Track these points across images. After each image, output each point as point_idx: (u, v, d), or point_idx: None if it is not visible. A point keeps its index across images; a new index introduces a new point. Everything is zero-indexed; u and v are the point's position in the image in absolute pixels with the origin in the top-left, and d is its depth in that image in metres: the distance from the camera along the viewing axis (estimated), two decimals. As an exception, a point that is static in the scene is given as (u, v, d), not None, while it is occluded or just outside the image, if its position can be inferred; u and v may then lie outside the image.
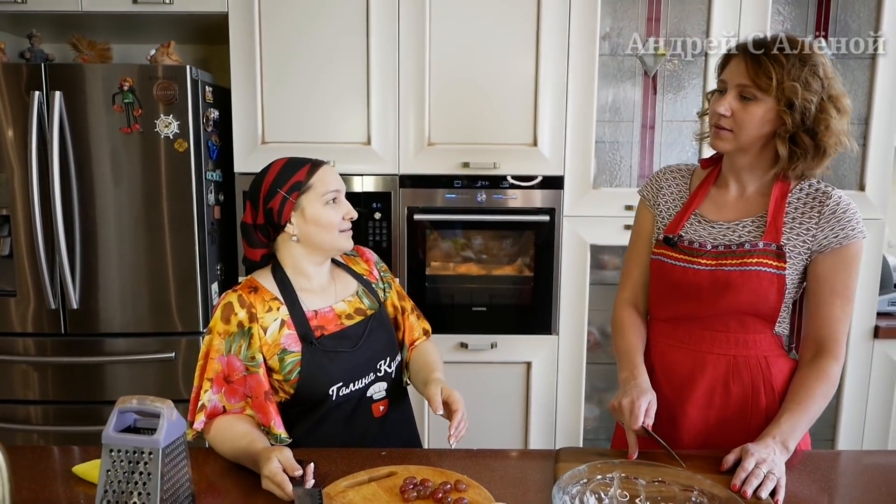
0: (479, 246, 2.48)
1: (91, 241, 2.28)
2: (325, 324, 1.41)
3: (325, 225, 1.38)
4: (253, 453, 1.20)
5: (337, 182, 1.41)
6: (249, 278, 1.43)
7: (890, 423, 2.50)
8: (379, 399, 1.45)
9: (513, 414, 2.47)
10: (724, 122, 1.31)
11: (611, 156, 2.44)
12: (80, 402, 2.37)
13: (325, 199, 1.37)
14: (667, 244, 1.42)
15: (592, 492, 1.04)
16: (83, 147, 2.23)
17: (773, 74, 1.25)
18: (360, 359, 1.42)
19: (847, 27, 2.37)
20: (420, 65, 2.31)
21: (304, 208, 1.37)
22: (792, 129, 1.27)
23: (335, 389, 1.38)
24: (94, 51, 2.52)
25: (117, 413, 0.98)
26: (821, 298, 1.33)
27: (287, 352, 1.36)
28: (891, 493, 1.20)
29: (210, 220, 2.36)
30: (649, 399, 1.29)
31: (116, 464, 0.96)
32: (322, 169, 1.40)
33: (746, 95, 1.29)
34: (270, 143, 2.34)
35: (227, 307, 1.35)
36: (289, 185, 1.36)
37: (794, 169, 1.31)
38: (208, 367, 1.34)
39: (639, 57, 2.37)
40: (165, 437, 0.95)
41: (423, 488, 1.13)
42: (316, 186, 1.37)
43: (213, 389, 1.34)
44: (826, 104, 1.27)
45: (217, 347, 1.34)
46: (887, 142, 2.38)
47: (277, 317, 1.37)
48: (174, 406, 0.98)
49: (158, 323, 2.32)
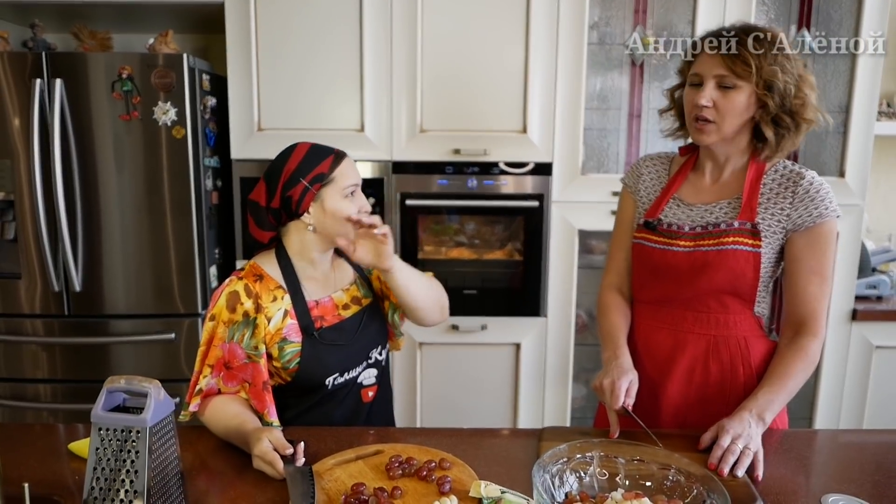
0: (470, 231, 2.45)
1: (93, 226, 2.25)
2: (324, 314, 1.38)
3: (343, 218, 1.32)
4: (244, 433, 1.18)
5: (356, 176, 1.35)
6: (253, 264, 1.37)
7: (866, 403, 2.49)
8: (369, 385, 1.43)
9: (502, 394, 2.46)
10: (706, 113, 1.29)
11: (598, 143, 2.40)
12: (86, 381, 2.35)
13: (344, 193, 1.32)
14: (647, 228, 1.42)
15: (573, 470, 1.02)
16: (84, 133, 2.19)
17: (751, 61, 1.24)
18: (355, 349, 1.40)
19: (829, 17, 2.32)
20: (412, 53, 2.26)
21: (325, 200, 1.31)
22: (774, 111, 1.27)
23: (331, 379, 1.36)
24: (96, 40, 2.48)
25: (106, 393, 0.95)
26: (798, 277, 1.32)
27: (288, 341, 1.33)
28: (865, 470, 1.19)
29: (208, 206, 2.33)
30: (630, 379, 1.28)
31: (105, 442, 0.94)
32: (345, 161, 1.34)
33: (725, 84, 1.27)
34: (266, 129, 2.31)
35: (232, 296, 1.31)
36: (312, 176, 1.30)
37: (781, 150, 1.30)
38: (210, 354, 1.31)
39: (626, 46, 2.33)
40: (153, 417, 0.93)
41: (408, 466, 1.11)
42: (338, 180, 1.31)
43: (212, 374, 1.31)
44: (800, 82, 1.27)
45: (220, 335, 1.30)
46: (866, 130, 2.34)
47: (281, 306, 1.33)
48: (161, 386, 0.95)
49: (159, 305, 2.30)
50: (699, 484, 0.98)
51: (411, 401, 2.44)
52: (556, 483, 1.00)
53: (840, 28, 2.32)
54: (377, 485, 1.06)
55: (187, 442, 1.24)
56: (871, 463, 1.21)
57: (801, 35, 2.31)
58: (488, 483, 1.05)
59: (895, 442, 1.32)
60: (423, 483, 1.08)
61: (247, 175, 2.32)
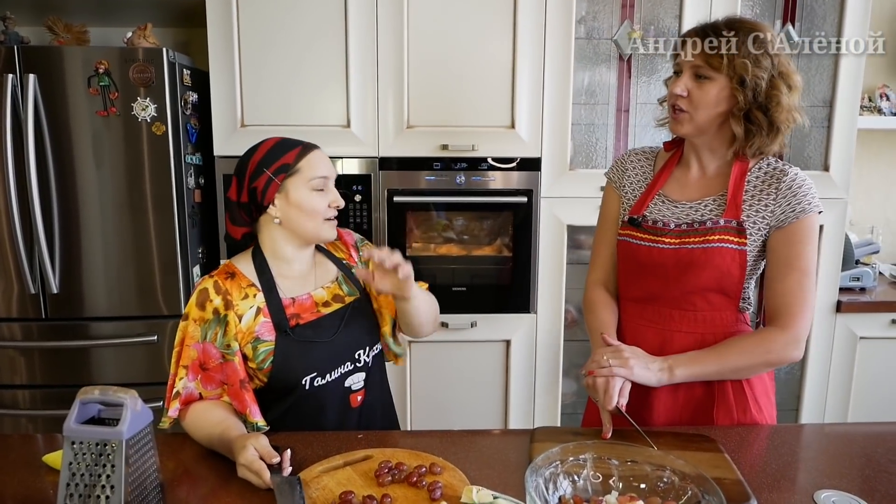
0: (459, 227, 2.40)
1: (71, 225, 2.16)
2: (301, 312, 1.32)
3: (308, 211, 1.28)
4: (227, 441, 1.13)
5: (326, 168, 1.31)
6: (228, 263, 1.34)
7: (851, 392, 2.49)
8: (357, 390, 1.37)
9: (493, 390, 2.42)
10: (680, 102, 1.29)
11: (586, 138, 2.36)
12: (66, 385, 2.27)
13: (311, 185, 1.28)
14: (632, 225, 1.39)
15: (566, 474, 0.98)
16: (60, 130, 2.10)
17: (724, 51, 1.23)
18: (337, 348, 1.33)
19: (813, 12, 2.30)
20: (398, 48, 2.20)
21: (289, 192, 1.28)
22: (745, 106, 1.25)
23: (308, 380, 1.30)
24: (71, 33, 2.38)
25: (79, 404, 0.90)
26: (775, 272, 1.30)
27: (260, 340, 1.28)
28: (855, 464, 1.17)
29: (191, 204, 2.25)
30: (623, 380, 1.24)
31: (79, 456, 0.88)
32: (312, 153, 1.31)
33: (701, 75, 1.26)
34: (249, 125, 2.23)
35: (202, 293, 1.27)
36: (276, 167, 1.27)
37: (750, 146, 1.29)
38: (184, 354, 1.26)
39: (614, 41, 2.29)
40: (129, 429, 0.88)
41: (397, 472, 1.07)
42: (303, 171, 1.28)
43: (188, 376, 1.26)
44: (777, 80, 1.25)
45: (192, 334, 1.26)
46: (850, 124, 2.33)
47: (253, 304, 1.28)
48: (138, 396, 0.90)
49: (141, 306, 2.22)
50: (694, 485, 0.95)
51: (401, 399, 2.39)
52: (549, 487, 0.96)
53: (824, 23, 2.30)
54: (366, 492, 1.02)
55: (169, 450, 1.18)
56: (861, 457, 1.20)
57: (785, 30, 2.29)
58: (480, 488, 1.01)
59: (882, 434, 1.30)
60: (414, 489, 1.04)
61: (230, 172, 2.23)
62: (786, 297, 1.28)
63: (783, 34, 2.29)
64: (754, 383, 1.35)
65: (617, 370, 1.23)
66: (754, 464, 1.16)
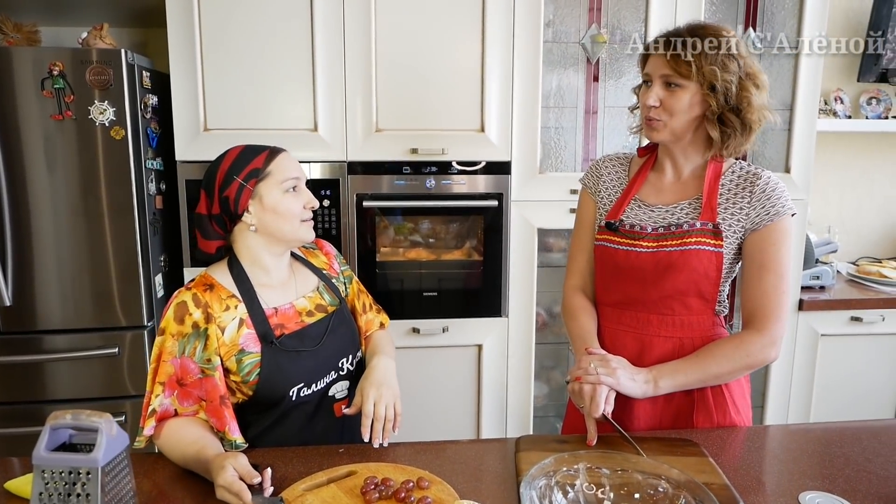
0: (429, 231, 2.39)
1: (24, 235, 2.06)
2: (285, 322, 1.29)
3: (284, 213, 1.26)
4: (204, 460, 1.09)
5: (296, 169, 1.30)
6: (204, 274, 1.29)
7: (813, 389, 2.57)
8: (341, 398, 1.36)
9: (465, 395, 2.41)
10: (654, 112, 1.31)
11: (555, 141, 2.38)
12: (22, 402, 2.16)
13: (284, 187, 1.27)
14: (609, 229, 1.40)
15: (559, 485, 0.98)
16: (10, 135, 2.00)
17: (692, 60, 1.25)
18: (322, 358, 1.32)
19: (773, 17, 2.37)
20: (366, 50, 2.18)
21: (262, 196, 1.26)
22: (718, 110, 1.28)
23: (295, 390, 1.27)
24: (21, 33, 2.27)
25: (49, 430, 0.85)
26: (751, 274, 1.32)
27: (245, 352, 1.24)
28: (836, 465, 1.19)
29: (152, 210, 2.18)
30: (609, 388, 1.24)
31: (50, 485, 0.84)
32: (281, 156, 1.29)
33: (671, 83, 1.28)
34: (213, 129, 2.17)
35: (180, 307, 1.22)
36: (245, 172, 1.25)
37: (726, 148, 1.32)
38: (160, 370, 1.21)
39: (581, 44, 2.31)
40: (105, 455, 0.84)
41: (384, 488, 1.05)
42: (274, 173, 1.26)
43: (164, 393, 1.21)
44: (745, 82, 1.28)
45: (170, 349, 1.21)
46: (810, 127, 2.40)
47: (235, 315, 1.25)
48: (113, 419, 0.86)
49: (100, 318, 2.13)
50: (687, 492, 0.96)
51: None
52: (543, 499, 0.95)
53: (784, 27, 2.37)
54: (352, 511, 0.99)
55: (143, 471, 1.14)
56: (840, 457, 1.22)
57: (746, 35, 2.35)
58: (470, 502, 1.00)
59: (857, 433, 1.33)
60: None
61: (193, 177, 2.19)
62: (762, 299, 1.30)
63: (745, 38, 2.35)
64: (732, 386, 1.37)
65: (604, 379, 1.23)
66: (737, 466, 1.17)
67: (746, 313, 1.34)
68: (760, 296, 1.31)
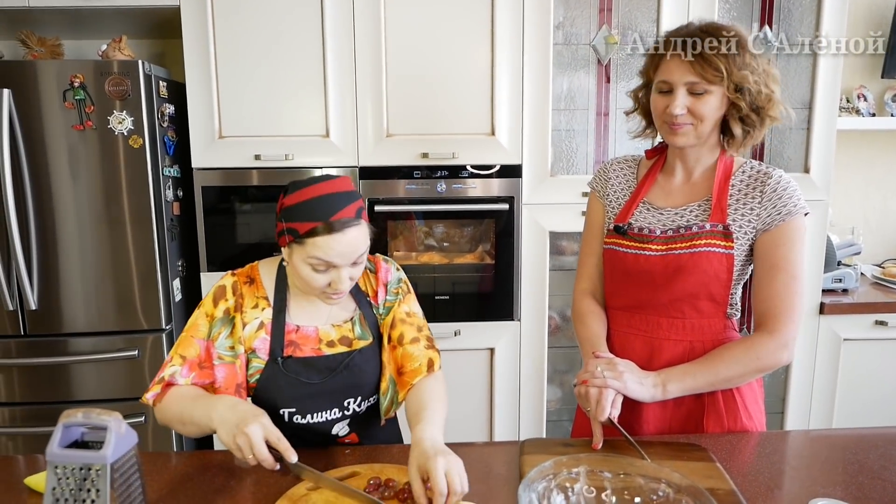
0: (441, 235, 2.42)
1: (48, 241, 2.15)
2: (301, 343, 1.28)
3: (305, 281, 1.21)
4: (210, 400, 1.14)
5: (336, 255, 1.16)
6: (253, 266, 1.32)
7: (835, 395, 2.53)
8: (345, 435, 1.34)
9: (478, 399, 2.43)
10: (680, 118, 1.28)
11: (567, 143, 2.39)
12: (47, 403, 2.25)
13: (309, 262, 1.18)
14: (617, 233, 1.40)
15: (559, 488, 0.99)
16: (35, 145, 2.09)
17: (721, 66, 1.22)
18: (323, 393, 1.28)
19: (790, 14, 2.35)
20: (377, 56, 2.22)
21: (293, 254, 1.20)
22: (745, 111, 1.27)
23: (286, 413, 1.28)
24: (45, 47, 2.37)
25: (62, 428, 0.90)
26: (762, 275, 1.31)
27: (256, 355, 1.27)
28: (849, 471, 1.17)
29: (169, 216, 2.25)
30: (615, 392, 1.25)
31: (63, 481, 0.88)
32: (327, 237, 1.15)
33: (697, 91, 1.26)
34: (228, 137, 2.23)
35: (220, 290, 1.27)
36: (289, 225, 1.18)
37: (745, 145, 1.32)
38: (186, 344, 1.25)
39: (592, 46, 2.32)
40: (114, 452, 0.88)
41: (386, 489, 1.07)
42: (307, 248, 1.17)
43: (183, 370, 1.24)
44: (767, 79, 1.27)
45: (200, 327, 1.26)
46: (829, 126, 2.38)
47: (259, 317, 1.27)
48: (122, 418, 0.90)
49: (121, 321, 2.21)
50: (689, 497, 0.96)
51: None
52: (542, 502, 0.97)
53: (801, 25, 2.35)
54: (355, 510, 1.02)
55: (153, 470, 1.18)
56: (853, 463, 1.20)
57: (762, 33, 2.34)
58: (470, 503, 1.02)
59: (873, 439, 1.30)
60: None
61: (209, 184, 2.25)
62: (773, 300, 1.29)
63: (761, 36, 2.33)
64: (744, 391, 1.36)
65: (611, 382, 1.23)
66: (746, 472, 1.16)
67: (758, 315, 1.32)
68: (772, 297, 1.29)
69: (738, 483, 1.11)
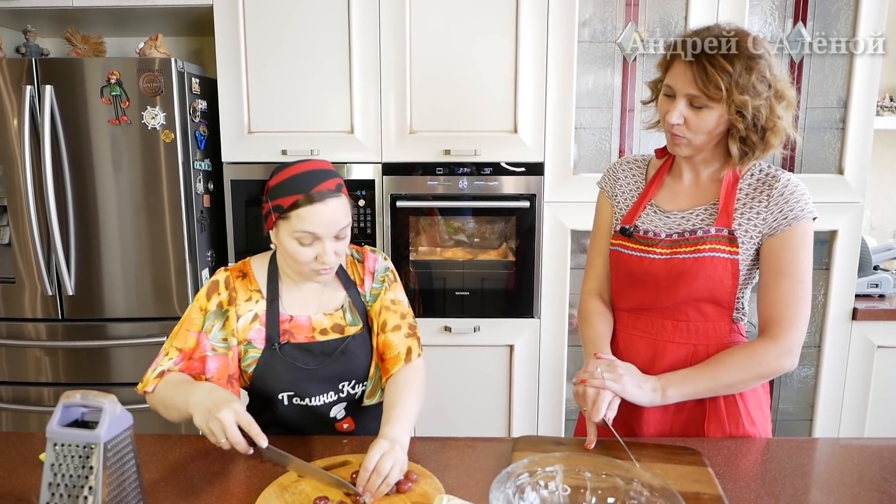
0: (462, 232, 2.42)
1: (86, 230, 2.25)
2: (295, 331, 1.33)
3: (293, 257, 1.25)
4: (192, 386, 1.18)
5: (320, 226, 1.21)
6: (246, 261, 1.37)
7: (868, 404, 2.43)
8: (341, 419, 1.38)
9: (496, 395, 2.44)
10: (676, 130, 1.26)
11: (591, 141, 2.36)
12: (88, 383, 2.36)
13: (295, 237, 1.22)
14: (623, 235, 1.39)
15: (534, 485, 0.99)
16: (75, 138, 2.19)
17: (722, 85, 1.18)
18: (320, 377, 1.32)
19: (826, 11, 2.26)
20: (401, 54, 2.24)
21: (280, 232, 1.25)
22: (744, 133, 1.23)
23: (285, 396, 1.32)
24: (88, 45, 2.48)
25: (62, 408, 0.94)
26: (767, 280, 1.28)
27: (252, 346, 1.32)
28: (846, 482, 1.14)
29: (199, 209, 2.32)
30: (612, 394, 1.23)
31: (61, 458, 0.93)
32: (307, 208, 1.20)
33: (696, 104, 1.23)
34: (256, 132, 2.29)
35: (213, 285, 1.32)
36: (275, 203, 1.23)
37: (742, 165, 1.28)
38: (181, 336, 1.30)
39: (618, 44, 2.28)
40: (108, 432, 0.92)
41: (373, 479, 1.09)
42: (292, 221, 1.21)
43: (177, 360, 1.29)
44: (773, 104, 1.21)
45: (195, 320, 1.30)
46: (866, 125, 2.28)
47: (253, 309, 1.32)
48: (116, 400, 0.94)
49: (156, 308, 2.31)
50: (663, 499, 0.95)
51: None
52: (515, 499, 0.97)
53: (837, 21, 2.26)
54: (341, 497, 1.04)
55: (151, 453, 1.22)
56: (853, 474, 1.15)
57: (797, 30, 2.25)
58: (451, 497, 1.03)
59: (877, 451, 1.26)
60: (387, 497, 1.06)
61: (238, 178, 2.31)
62: (778, 306, 1.26)
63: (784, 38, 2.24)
64: (747, 396, 1.33)
65: (609, 384, 1.22)
66: (739, 479, 1.14)
67: (762, 321, 1.29)
68: (776, 302, 1.26)
69: (729, 489, 1.09)
